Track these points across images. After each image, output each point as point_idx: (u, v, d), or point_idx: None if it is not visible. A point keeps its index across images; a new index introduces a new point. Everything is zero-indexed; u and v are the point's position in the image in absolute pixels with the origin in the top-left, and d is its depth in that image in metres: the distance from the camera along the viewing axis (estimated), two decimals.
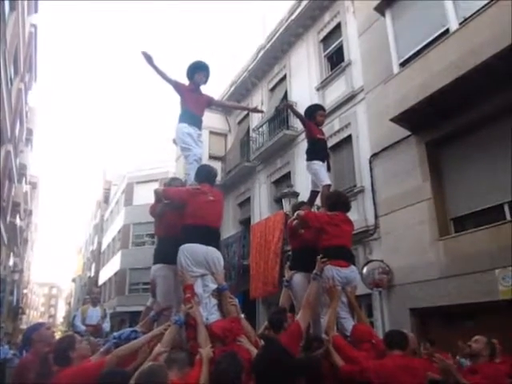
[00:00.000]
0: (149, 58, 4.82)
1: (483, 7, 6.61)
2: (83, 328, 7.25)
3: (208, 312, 3.73)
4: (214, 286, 3.90)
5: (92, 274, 40.08)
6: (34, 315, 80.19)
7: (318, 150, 5.52)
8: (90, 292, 10.01)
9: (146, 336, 3.36)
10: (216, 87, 17.68)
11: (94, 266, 39.92)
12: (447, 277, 7.24)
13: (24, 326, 41.85)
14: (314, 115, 5.70)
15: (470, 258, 6.86)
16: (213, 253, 3.99)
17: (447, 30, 7.28)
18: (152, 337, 3.33)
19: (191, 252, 3.88)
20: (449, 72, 6.91)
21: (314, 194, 5.64)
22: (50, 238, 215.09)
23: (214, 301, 3.85)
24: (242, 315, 3.78)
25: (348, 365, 3.39)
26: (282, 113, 12.85)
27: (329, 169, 5.58)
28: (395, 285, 8.27)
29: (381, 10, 8.88)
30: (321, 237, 4.47)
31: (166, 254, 4.18)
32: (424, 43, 7.76)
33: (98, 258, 38.25)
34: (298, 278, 4.70)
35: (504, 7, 6.24)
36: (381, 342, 3.74)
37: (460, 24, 7.03)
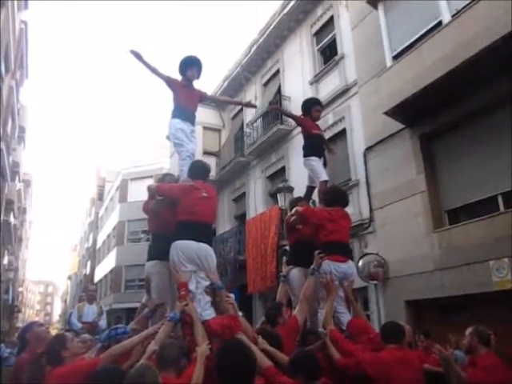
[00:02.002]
0: (138, 56, 4.76)
1: None
2: (79, 326, 7.23)
3: (202, 308, 3.73)
4: (206, 283, 3.90)
5: (87, 272, 39.98)
6: (29, 313, 79.99)
7: (313, 146, 5.51)
8: (85, 289, 9.99)
9: (140, 334, 3.35)
10: (209, 82, 17.63)
11: (89, 263, 39.82)
12: (442, 269, 7.28)
13: (20, 325, 41.78)
14: (310, 110, 5.69)
15: (465, 250, 6.90)
16: (205, 249, 3.98)
17: (440, 23, 7.27)
18: (147, 335, 3.32)
19: (184, 248, 3.88)
20: (442, 65, 6.91)
21: (310, 189, 5.66)
22: (45, 235, 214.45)
23: (207, 298, 3.86)
24: (240, 313, 3.77)
25: (344, 358, 3.41)
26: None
27: (325, 164, 5.57)
28: (390, 277, 8.31)
29: (373, 3, 8.85)
30: (319, 232, 4.49)
31: (161, 251, 4.17)
32: (417, 36, 7.74)
33: (93, 255, 38.14)
34: (296, 272, 4.72)
35: None
36: (377, 335, 3.76)
37: (452, 16, 7.02)
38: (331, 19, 11.52)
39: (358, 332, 3.78)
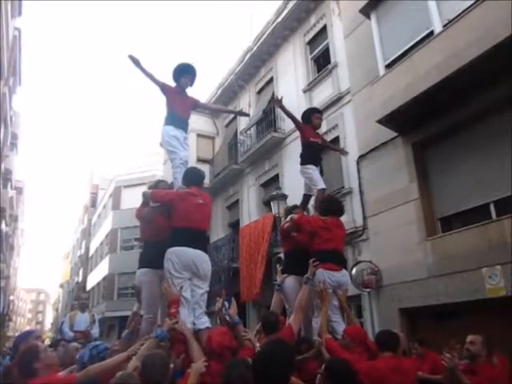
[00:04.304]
0: (136, 62, 4.79)
1: (467, 9, 6.68)
2: (71, 334, 7.15)
3: (196, 318, 3.72)
4: (201, 291, 3.90)
5: (80, 279, 39.62)
6: (21, 322, 79.08)
7: (311, 154, 5.49)
8: (77, 297, 9.89)
9: (122, 355, 3.21)
10: (203, 90, 17.68)
11: (81, 271, 39.48)
12: (435, 276, 7.29)
13: (11, 333, 41.30)
14: (311, 118, 5.70)
15: (458, 258, 6.92)
16: (201, 256, 3.97)
17: (432, 32, 7.35)
18: (129, 355, 3.16)
19: (179, 255, 3.85)
20: (434, 74, 6.98)
21: (306, 197, 5.64)
22: (37, 243, 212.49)
23: (203, 307, 3.85)
24: (258, 344, 3.64)
25: None
26: (270, 115, 12.88)
27: (322, 173, 5.55)
28: (384, 285, 8.31)
29: (366, 12, 8.94)
30: (313, 240, 4.49)
31: (152, 259, 4.15)
32: (409, 45, 7.82)
33: (85, 262, 37.83)
34: (290, 281, 4.69)
35: (487, 9, 6.32)
36: (372, 343, 3.75)
37: (444, 26, 7.11)
38: (324, 28, 11.61)
39: (358, 338, 3.75)
